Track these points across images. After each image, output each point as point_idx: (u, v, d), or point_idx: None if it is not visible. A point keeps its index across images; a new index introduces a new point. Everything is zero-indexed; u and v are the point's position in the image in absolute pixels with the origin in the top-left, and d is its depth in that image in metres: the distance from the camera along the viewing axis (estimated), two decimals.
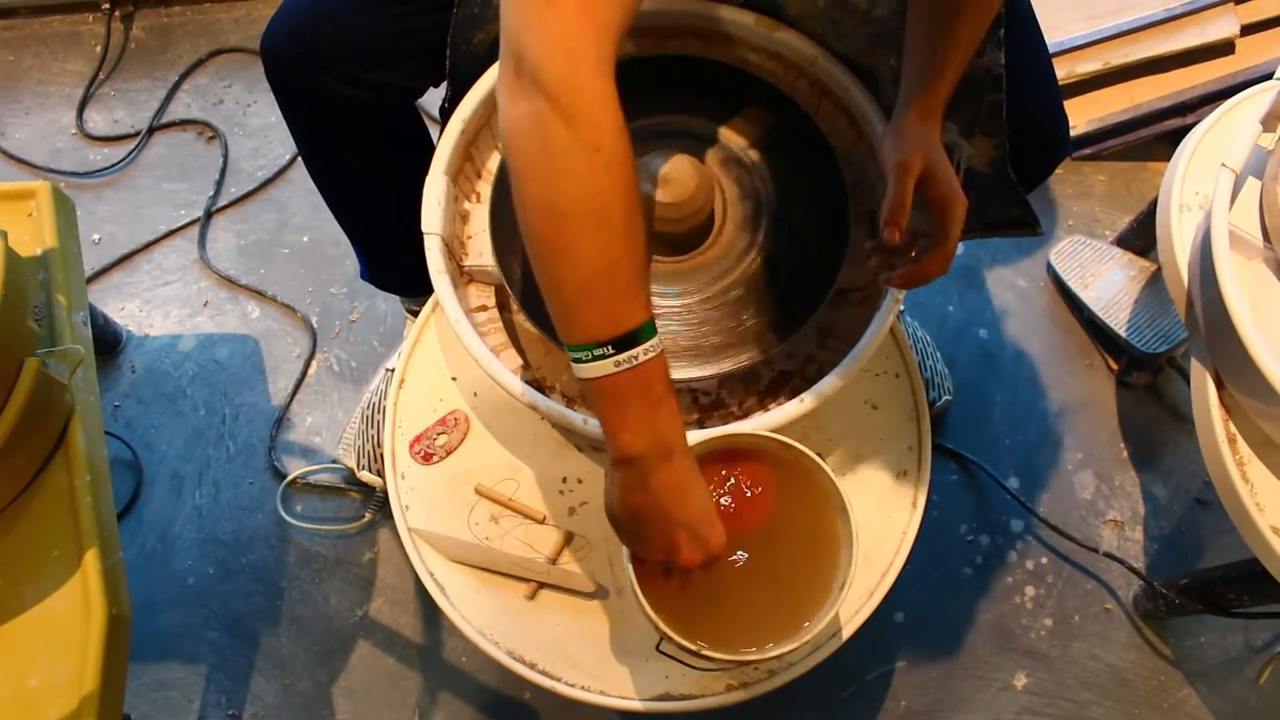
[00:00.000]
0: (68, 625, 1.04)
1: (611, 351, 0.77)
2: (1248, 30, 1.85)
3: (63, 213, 1.30)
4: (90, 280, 1.89)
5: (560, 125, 0.72)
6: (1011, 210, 1.11)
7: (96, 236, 1.94)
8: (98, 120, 2.08)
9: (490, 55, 1.17)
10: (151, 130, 2.05)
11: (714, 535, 0.88)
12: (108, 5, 2.16)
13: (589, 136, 0.73)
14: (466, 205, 1.22)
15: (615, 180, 0.74)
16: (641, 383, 0.79)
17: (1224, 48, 1.86)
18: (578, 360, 0.79)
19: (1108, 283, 1.78)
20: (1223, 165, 1.14)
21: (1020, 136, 1.08)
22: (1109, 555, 1.61)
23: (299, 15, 1.13)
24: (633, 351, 0.77)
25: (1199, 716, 1.54)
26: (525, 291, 1.10)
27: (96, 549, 1.07)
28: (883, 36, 1.11)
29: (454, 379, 1.24)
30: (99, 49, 2.15)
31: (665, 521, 0.86)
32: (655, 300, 1.10)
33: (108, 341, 1.79)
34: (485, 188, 1.24)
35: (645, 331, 0.78)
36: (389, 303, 1.85)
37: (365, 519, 1.65)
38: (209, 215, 1.96)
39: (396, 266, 1.49)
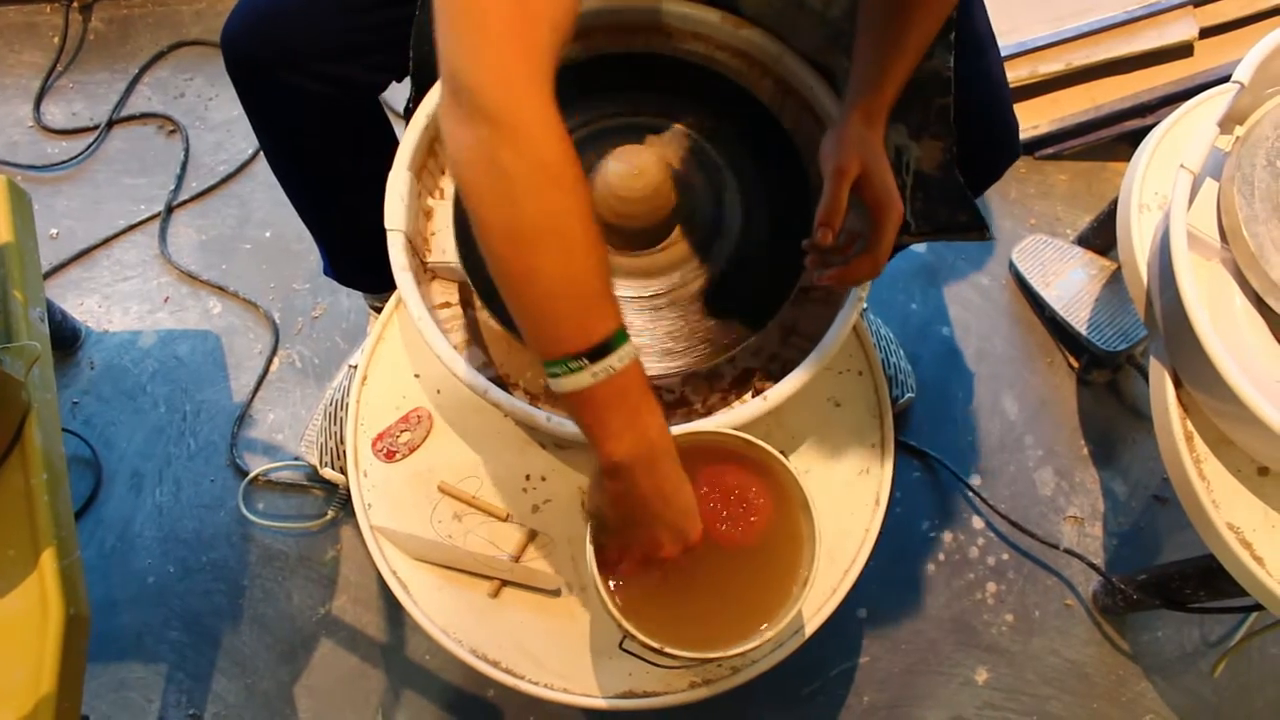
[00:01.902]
0: (24, 626, 1.03)
1: (586, 363, 0.77)
2: (1206, 33, 1.87)
3: (19, 207, 1.28)
4: (48, 276, 1.87)
5: (507, 150, 0.73)
6: (960, 215, 1.12)
7: (54, 231, 1.91)
8: (55, 113, 2.05)
9: None
10: (111, 123, 2.03)
11: (693, 528, 0.89)
12: None
13: (536, 157, 0.74)
14: (430, 201, 1.22)
15: (568, 197, 0.75)
16: (619, 391, 0.80)
17: (1183, 50, 1.88)
18: (554, 375, 0.79)
19: (1069, 281, 1.80)
20: (1181, 166, 1.16)
21: (969, 139, 1.09)
22: (1069, 551, 1.62)
23: (258, 9, 1.12)
24: (607, 361, 0.78)
25: (1156, 710, 1.56)
26: (488, 288, 1.09)
27: (53, 548, 1.06)
28: (838, 38, 1.12)
29: (417, 376, 1.23)
30: (57, 40, 2.12)
31: (653, 523, 0.87)
32: (619, 296, 1.10)
33: (66, 338, 1.77)
34: (449, 184, 1.24)
35: (617, 339, 0.79)
36: (352, 299, 1.84)
37: (328, 517, 1.64)
38: (170, 210, 1.93)
39: (359, 262, 1.48)
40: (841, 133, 0.98)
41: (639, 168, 1.04)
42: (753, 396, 1.05)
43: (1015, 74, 1.85)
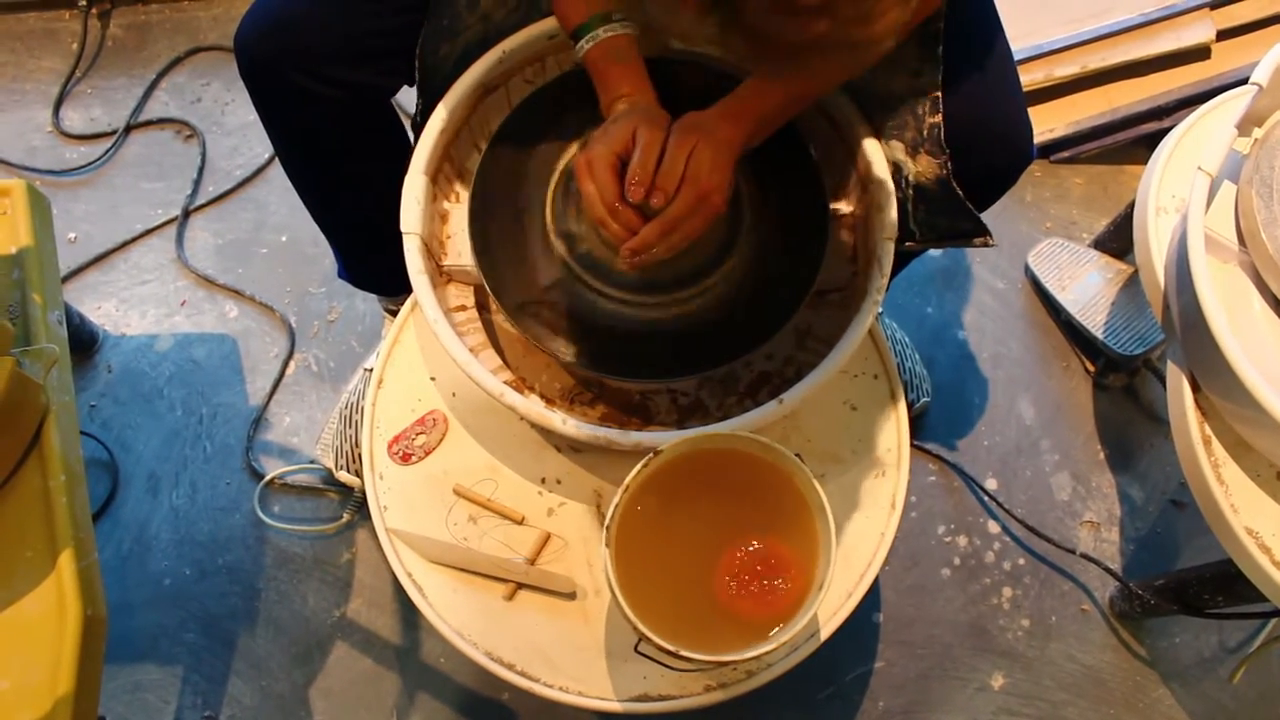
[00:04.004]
0: (42, 627, 1.03)
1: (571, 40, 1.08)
2: (1223, 35, 1.87)
3: (38, 211, 1.29)
4: (66, 279, 1.88)
5: None
6: (962, 223, 1.12)
7: (72, 235, 1.92)
8: (74, 118, 2.07)
9: (457, 67, 1.17)
10: (129, 129, 2.04)
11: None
12: (84, 2, 2.14)
13: None
14: (445, 205, 1.22)
15: None
16: (590, 63, 1.07)
17: (1200, 53, 1.88)
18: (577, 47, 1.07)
19: (1085, 285, 1.79)
20: (1199, 169, 1.15)
21: (980, 146, 1.09)
22: (1085, 556, 1.61)
23: (270, 13, 1.12)
24: (578, 44, 1.06)
25: (1174, 716, 1.55)
26: (504, 292, 1.09)
27: (71, 550, 1.06)
28: None
29: (433, 379, 1.24)
30: (75, 46, 2.14)
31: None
32: (634, 303, 1.10)
33: (84, 341, 1.78)
34: (463, 188, 1.24)
35: (583, 29, 1.06)
36: (367, 302, 1.84)
37: (343, 519, 1.64)
38: (186, 214, 1.94)
39: (375, 265, 1.49)
40: (696, 114, 1.02)
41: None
42: (768, 400, 1.05)
43: (1030, 77, 1.85)
